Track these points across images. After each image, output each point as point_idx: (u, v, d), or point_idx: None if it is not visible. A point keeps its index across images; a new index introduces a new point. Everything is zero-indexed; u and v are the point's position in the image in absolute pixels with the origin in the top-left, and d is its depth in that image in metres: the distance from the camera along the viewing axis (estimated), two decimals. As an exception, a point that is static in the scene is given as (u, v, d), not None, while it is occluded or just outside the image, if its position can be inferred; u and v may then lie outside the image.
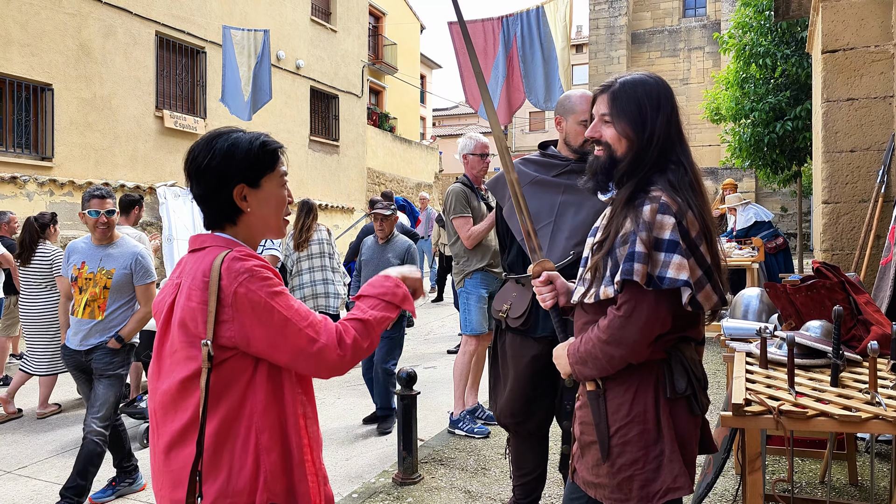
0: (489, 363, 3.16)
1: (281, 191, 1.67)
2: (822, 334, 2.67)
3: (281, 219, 1.69)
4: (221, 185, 1.58)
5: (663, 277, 1.65)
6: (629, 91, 1.81)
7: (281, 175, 1.67)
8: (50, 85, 10.54)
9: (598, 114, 1.87)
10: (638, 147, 1.78)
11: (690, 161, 1.81)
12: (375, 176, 20.28)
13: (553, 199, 2.88)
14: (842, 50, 5.01)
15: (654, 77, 1.86)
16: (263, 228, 1.66)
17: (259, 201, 1.62)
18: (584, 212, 2.79)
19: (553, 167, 2.95)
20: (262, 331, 1.49)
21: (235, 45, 8.60)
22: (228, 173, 1.58)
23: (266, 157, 1.63)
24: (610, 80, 1.89)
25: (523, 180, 2.90)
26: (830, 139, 5.06)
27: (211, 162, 1.57)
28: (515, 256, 2.99)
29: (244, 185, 1.60)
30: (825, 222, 5.11)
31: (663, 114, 1.79)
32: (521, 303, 2.92)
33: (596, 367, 1.76)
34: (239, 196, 1.60)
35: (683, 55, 34.66)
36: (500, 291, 3.09)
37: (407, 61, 28.71)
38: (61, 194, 10.48)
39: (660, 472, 1.74)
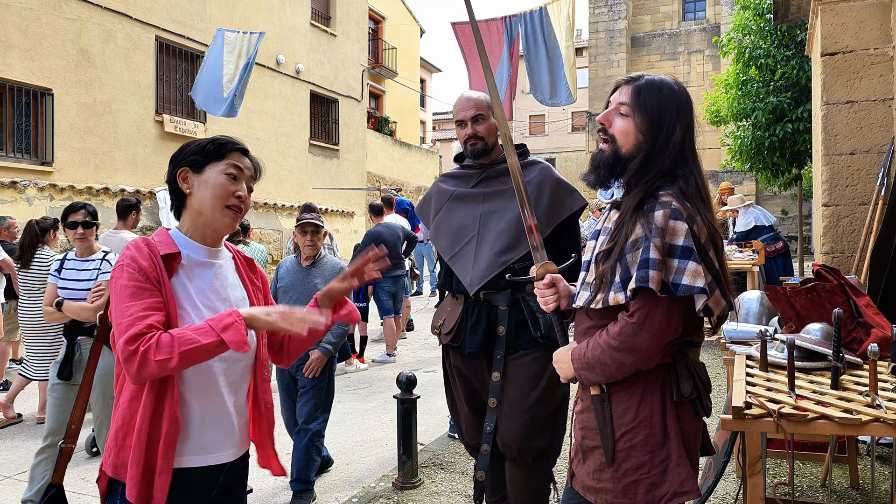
0: (444, 383, 3.00)
1: (223, 178, 1.75)
2: (822, 337, 2.67)
3: (218, 207, 1.74)
4: (172, 170, 1.77)
5: (678, 284, 1.64)
6: (654, 90, 1.78)
7: (227, 166, 1.76)
8: (50, 90, 10.55)
9: (615, 102, 1.82)
10: (648, 147, 1.76)
11: (701, 175, 1.79)
12: (375, 180, 20.28)
13: (475, 211, 2.77)
14: (841, 52, 5.02)
15: (679, 84, 1.82)
16: (201, 212, 1.75)
17: (199, 184, 1.75)
18: (506, 219, 2.69)
19: (470, 178, 2.84)
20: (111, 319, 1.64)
21: (226, 45, 8.65)
22: (178, 159, 1.78)
23: (215, 148, 1.77)
24: (637, 73, 1.85)
25: (444, 197, 2.86)
26: (830, 142, 5.06)
27: (173, 155, 1.80)
28: (446, 275, 2.84)
29: (187, 169, 1.76)
30: (825, 225, 5.11)
31: (682, 123, 1.76)
32: (452, 318, 2.77)
33: (604, 373, 1.74)
34: (181, 178, 1.76)
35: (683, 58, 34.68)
36: (441, 306, 2.94)
37: (407, 65, 28.73)
38: (61, 199, 10.47)
39: (666, 476, 1.73)
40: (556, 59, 7.32)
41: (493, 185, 2.76)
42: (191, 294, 1.71)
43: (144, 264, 1.63)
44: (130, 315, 1.56)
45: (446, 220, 2.81)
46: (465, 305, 2.72)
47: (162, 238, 1.73)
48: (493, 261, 2.64)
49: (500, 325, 2.66)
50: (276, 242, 15.03)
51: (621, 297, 1.70)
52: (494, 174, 2.76)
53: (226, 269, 1.81)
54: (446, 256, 2.77)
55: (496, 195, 2.73)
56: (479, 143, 2.73)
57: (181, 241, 1.75)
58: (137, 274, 1.61)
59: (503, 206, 2.70)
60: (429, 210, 2.93)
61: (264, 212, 14.65)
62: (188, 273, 1.72)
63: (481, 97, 2.75)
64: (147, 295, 1.60)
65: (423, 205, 3.00)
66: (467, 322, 2.70)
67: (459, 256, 2.73)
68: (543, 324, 2.64)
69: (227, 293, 1.78)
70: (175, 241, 1.74)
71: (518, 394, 2.63)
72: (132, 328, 1.54)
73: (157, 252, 1.67)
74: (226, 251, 1.86)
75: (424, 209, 2.98)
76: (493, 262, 2.64)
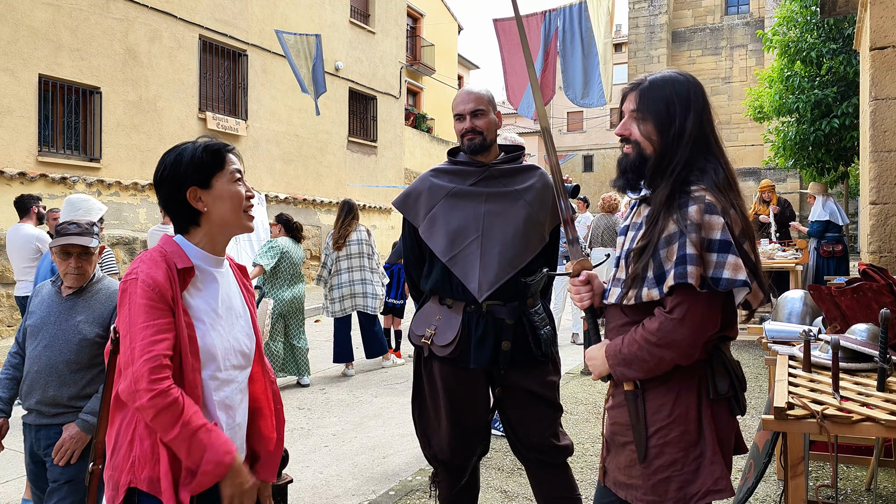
0: (413, 392, 2.80)
1: (233, 187, 1.76)
2: (868, 338, 2.61)
3: (240, 214, 1.78)
4: (175, 192, 1.72)
5: (719, 279, 1.63)
6: (658, 88, 1.80)
7: (231, 172, 1.77)
8: (98, 88, 10.85)
9: (627, 111, 1.86)
10: (664, 144, 1.77)
11: (725, 160, 1.79)
12: (412, 176, 20.37)
13: (477, 211, 2.59)
14: (891, 47, 4.88)
15: (684, 74, 1.84)
16: (225, 224, 1.77)
17: (214, 199, 1.74)
18: (513, 222, 2.57)
19: (469, 175, 2.66)
20: (120, 328, 1.61)
21: (291, 48, 9.13)
22: (178, 179, 1.71)
23: (210, 159, 1.75)
24: (640, 77, 1.88)
25: (439, 194, 2.66)
26: (879, 138, 4.93)
27: (164, 174, 1.73)
28: (441, 277, 2.61)
29: (196, 188, 1.72)
30: (873, 223, 4.98)
31: (694, 111, 1.77)
32: (449, 328, 2.55)
33: (642, 369, 1.74)
34: (193, 198, 1.72)
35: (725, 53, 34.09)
36: (420, 312, 2.70)
37: (444, 62, 28.77)
38: (108, 194, 10.77)
39: (699, 473, 1.72)
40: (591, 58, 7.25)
41: (496, 186, 2.63)
42: (204, 306, 1.71)
43: (161, 280, 1.61)
44: (144, 339, 1.55)
45: (443, 217, 2.62)
46: (466, 316, 2.56)
47: (174, 249, 1.71)
48: (503, 266, 2.52)
49: (505, 340, 2.54)
50: (315, 238, 15.21)
51: (655, 293, 1.70)
52: (497, 173, 2.64)
53: (227, 276, 1.83)
54: (444, 257, 2.57)
55: (500, 196, 2.61)
56: (476, 138, 2.61)
57: (192, 253, 1.74)
58: (152, 291, 1.59)
59: (507, 207, 2.59)
60: (417, 206, 2.70)
61: (303, 208, 14.84)
62: (199, 284, 1.72)
63: (482, 92, 2.66)
64: (159, 315, 1.58)
65: (409, 200, 2.73)
66: (472, 335, 2.54)
67: (460, 258, 2.56)
68: (544, 341, 2.61)
69: (231, 301, 1.80)
70: (187, 252, 1.73)
71: (531, 405, 2.61)
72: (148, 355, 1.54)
73: (173, 267, 1.66)
74: (225, 259, 1.87)
75: (410, 204, 2.72)
76: (503, 268, 2.52)
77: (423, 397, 2.75)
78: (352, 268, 7.01)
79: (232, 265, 1.90)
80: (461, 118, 2.63)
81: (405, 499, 3.74)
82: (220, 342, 1.71)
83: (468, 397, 2.63)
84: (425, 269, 2.72)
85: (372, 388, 6.59)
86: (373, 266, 7.12)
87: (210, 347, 1.68)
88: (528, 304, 2.62)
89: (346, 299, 7.02)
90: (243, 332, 1.81)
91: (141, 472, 1.60)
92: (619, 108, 1.91)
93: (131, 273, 1.64)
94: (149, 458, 1.60)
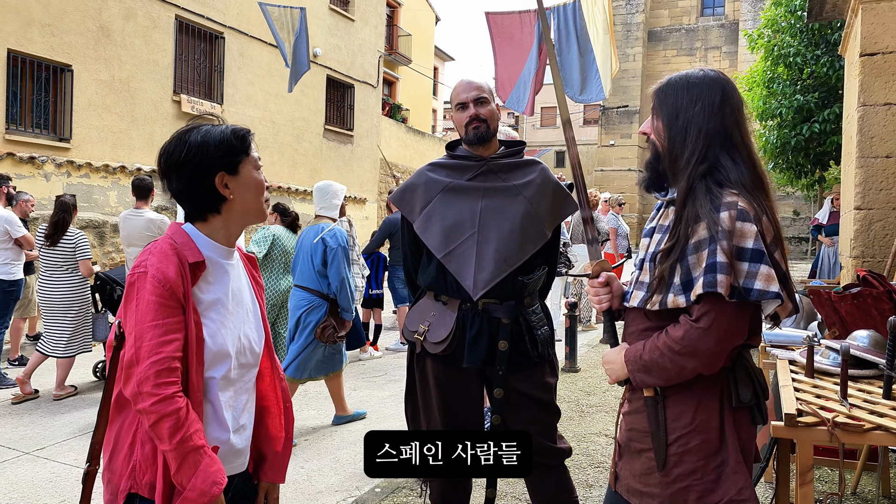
0: (406, 389, 2.76)
1: (258, 174, 1.69)
2: (870, 344, 2.61)
3: (261, 202, 1.71)
4: (201, 176, 1.60)
5: (750, 289, 1.58)
6: (672, 84, 1.78)
7: (255, 159, 1.69)
8: (70, 66, 10.51)
9: (651, 109, 1.84)
10: (671, 137, 1.74)
11: (753, 158, 1.74)
12: (388, 167, 20.23)
13: (473, 207, 2.52)
14: (881, 53, 4.92)
15: (704, 70, 1.79)
16: (246, 213, 1.68)
17: (240, 187, 1.64)
18: (511, 218, 2.51)
19: (466, 169, 2.59)
20: (125, 327, 1.52)
21: (275, 21, 8.84)
22: (206, 163, 1.60)
23: (239, 143, 1.65)
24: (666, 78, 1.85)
25: (436, 189, 2.59)
26: (865, 144, 4.98)
27: (187, 155, 1.60)
28: (436, 274, 2.56)
29: (224, 173, 1.62)
30: (857, 228, 5.03)
31: (703, 103, 1.72)
32: (443, 325, 2.51)
33: (662, 376, 1.70)
34: (221, 184, 1.62)
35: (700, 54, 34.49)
36: (414, 308, 2.66)
37: (421, 53, 28.61)
38: (78, 176, 10.46)
39: (719, 483, 1.68)
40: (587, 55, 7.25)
41: (493, 181, 2.56)
42: (213, 300, 1.61)
43: (172, 276, 1.51)
44: (151, 339, 1.46)
45: (439, 213, 2.56)
46: (461, 313, 2.51)
47: (184, 241, 1.60)
48: (499, 264, 2.46)
49: (501, 340, 2.48)
50: (289, 226, 15.00)
51: (681, 300, 1.65)
52: (495, 168, 2.56)
53: (237, 268, 1.74)
54: (439, 253, 2.51)
55: (497, 191, 2.54)
56: (482, 126, 2.53)
57: (204, 244, 1.64)
58: (162, 288, 1.49)
59: (505, 203, 2.52)
60: (413, 200, 2.65)
61: (278, 195, 14.63)
62: (210, 278, 1.63)
63: (483, 81, 2.61)
64: (169, 313, 1.49)
65: (405, 195, 2.69)
66: (466, 334, 2.49)
67: (455, 255, 2.50)
68: (540, 342, 2.55)
69: (241, 295, 1.71)
70: (198, 244, 1.62)
71: (525, 408, 2.55)
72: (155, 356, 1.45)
73: (185, 261, 1.56)
74: (235, 250, 1.77)
75: (407, 199, 2.68)
76: (499, 266, 2.45)
77: (415, 394, 2.70)
78: (332, 258, 6.89)
79: (241, 256, 1.80)
80: (464, 107, 2.55)
81: (392, 496, 3.68)
82: (230, 340, 1.61)
83: (460, 396, 2.58)
84: (421, 266, 2.66)
85: (350, 381, 6.50)
86: (353, 257, 7.01)
87: (219, 346, 1.58)
88: (526, 304, 2.56)
89: (325, 290, 6.90)
90: (253, 327, 1.72)
91: (142, 477, 1.51)
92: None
93: (140, 266, 1.53)
94: (150, 463, 1.51)
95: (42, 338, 5.97)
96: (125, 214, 6.06)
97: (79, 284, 5.99)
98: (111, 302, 6.38)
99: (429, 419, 2.64)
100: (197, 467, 1.45)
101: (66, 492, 3.91)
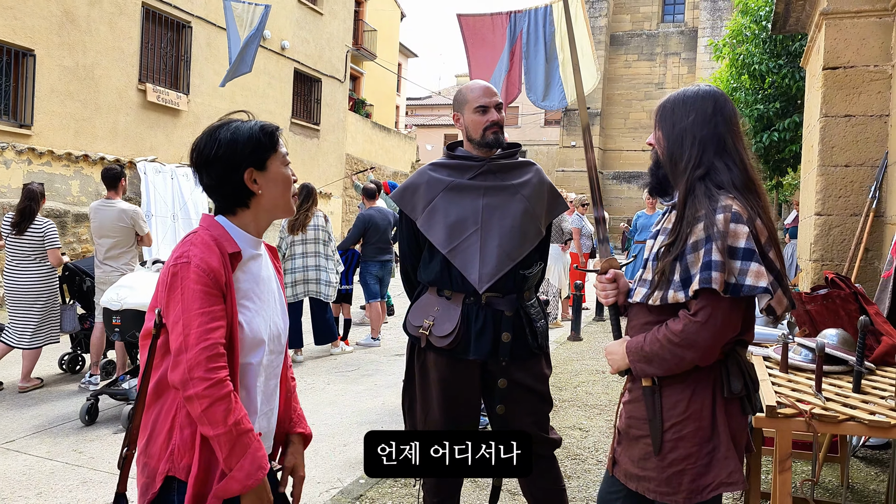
0: (404, 384, 2.82)
1: (285, 170, 1.75)
2: (839, 342, 2.79)
3: (289, 197, 1.76)
4: (231, 172, 1.66)
5: (742, 285, 1.72)
6: (671, 100, 1.95)
7: (283, 156, 1.75)
8: (32, 50, 10.26)
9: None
10: (669, 145, 1.90)
11: (745, 162, 1.89)
12: (354, 162, 20.18)
13: (475, 204, 2.62)
14: (842, 67, 5.17)
15: (699, 85, 1.97)
16: (274, 208, 1.74)
17: (268, 182, 1.70)
18: (511, 216, 2.60)
19: (467, 169, 2.67)
20: (167, 315, 1.57)
21: (236, 18, 8.57)
22: (235, 160, 1.66)
23: (267, 140, 1.70)
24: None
25: (437, 187, 2.67)
26: (826, 153, 5.22)
27: (217, 151, 1.66)
28: (440, 269, 2.62)
29: (253, 169, 1.68)
30: (817, 233, 5.28)
31: (698, 113, 1.88)
32: (448, 319, 2.58)
33: (661, 367, 1.83)
34: (249, 180, 1.67)
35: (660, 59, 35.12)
36: (417, 304, 2.72)
37: (386, 48, 28.55)
38: (39, 164, 10.22)
39: (710, 467, 1.82)
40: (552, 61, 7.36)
41: (493, 180, 2.66)
42: (248, 289, 1.68)
43: (215, 266, 1.57)
44: (199, 326, 1.51)
45: (442, 210, 2.64)
46: (465, 308, 2.59)
47: (220, 233, 1.65)
48: (502, 259, 2.56)
49: (504, 332, 2.58)
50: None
51: (681, 296, 1.78)
52: (496, 168, 2.66)
53: (264, 258, 1.81)
54: (444, 249, 2.60)
55: (498, 190, 2.64)
56: (500, 133, 2.63)
57: (237, 235, 1.69)
58: (207, 277, 1.54)
59: (505, 201, 2.63)
60: (415, 199, 2.73)
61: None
62: (244, 268, 1.69)
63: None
64: (214, 301, 1.55)
65: (407, 193, 2.76)
66: (472, 326, 2.58)
67: (460, 251, 2.59)
68: (539, 334, 2.67)
69: (270, 284, 1.78)
70: (233, 235, 1.68)
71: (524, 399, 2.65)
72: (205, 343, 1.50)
73: (225, 251, 1.61)
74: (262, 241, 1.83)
75: (408, 198, 2.75)
76: (502, 260, 2.56)
77: (414, 389, 2.76)
78: (307, 253, 6.92)
79: (267, 246, 1.87)
80: (486, 110, 2.62)
81: (376, 487, 3.75)
82: (263, 327, 1.68)
83: (463, 389, 2.65)
84: (423, 262, 2.74)
85: (323, 376, 6.53)
86: (328, 252, 7.04)
87: (255, 333, 1.65)
88: (525, 297, 2.67)
89: (298, 284, 6.93)
90: (279, 315, 1.79)
91: (180, 461, 1.56)
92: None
93: (182, 257, 1.57)
94: (188, 447, 1.56)
95: (6, 329, 5.86)
96: (96, 205, 5.97)
97: (47, 274, 5.89)
98: (80, 293, 6.29)
99: (427, 413, 2.70)
100: (246, 450, 1.51)
101: (41, 484, 3.88)
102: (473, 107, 2.63)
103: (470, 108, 2.64)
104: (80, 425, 4.90)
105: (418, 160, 27.69)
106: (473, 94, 2.65)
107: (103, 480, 3.93)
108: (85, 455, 4.34)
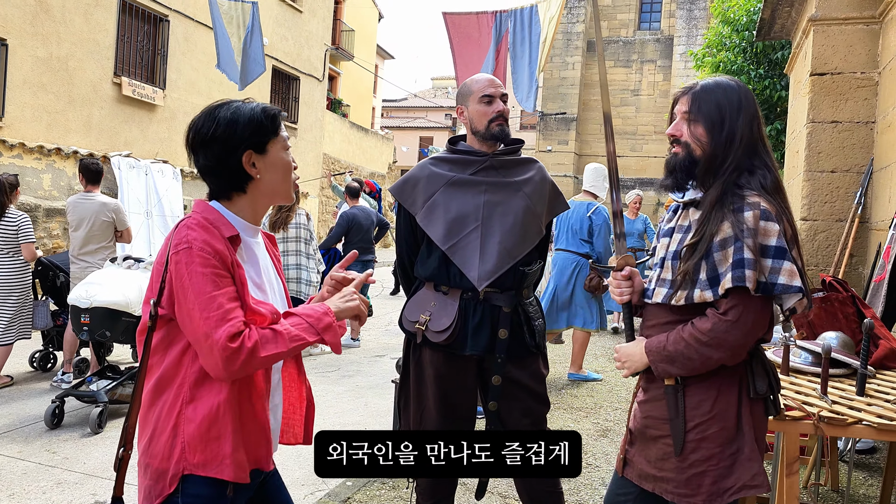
0: (400, 381, 2.78)
1: (286, 155, 1.67)
2: (839, 345, 2.77)
3: (289, 183, 1.69)
4: (229, 153, 1.58)
5: (775, 283, 1.68)
6: (710, 92, 1.86)
7: (284, 140, 1.67)
8: (4, 40, 9.97)
9: (679, 112, 1.90)
10: (714, 146, 1.82)
11: (773, 164, 1.85)
12: (331, 162, 20.02)
13: (476, 200, 2.56)
14: (829, 74, 5.22)
15: (735, 80, 1.90)
16: (272, 193, 1.66)
17: (267, 166, 1.62)
18: (513, 212, 2.57)
19: (469, 164, 2.62)
20: (179, 305, 1.49)
21: (223, 15, 8.39)
22: (234, 140, 1.58)
23: (268, 122, 1.63)
24: (692, 82, 1.94)
25: (438, 182, 2.61)
26: (813, 159, 5.26)
27: (216, 131, 1.58)
28: (438, 265, 2.58)
29: (252, 152, 1.60)
30: (802, 238, 5.31)
31: (745, 115, 1.82)
32: (445, 314, 2.54)
33: (686, 366, 1.78)
34: (248, 163, 1.60)
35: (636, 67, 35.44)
36: (414, 298, 2.68)
37: (363, 49, 28.41)
38: (10, 156, 9.93)
39: (733, 469, 1.77)
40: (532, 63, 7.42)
41: (495, 176, 2.61)
42: (251, 274, 1.61)
43: (219, 248, 1.49)
44: (219, 308, 1.43)
45: (443, 205, 2.59)
46: (463, 303, 2.55)
47: (216, 217, 1.57)
48: (502, 256, 2.52)
49: (501, 328, 2.53)
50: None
51: (709, 295, 1.73)
52: (498, 164, 2.61)
53: (262, 246, 1.74)
54: (443, 245, 2.55)
55: (499, 186, 2.59)
56: (505, 125, 2.58)
57: (234, 221, 1.62)
58: (213, 259, 1.47)
59: (507, 198, 2.58)
60: (415, 193, 2.67)
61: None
62: (243, 254, 1.62)
63: None
64: (227, 283, 1.47)
65: (407, 186, 2.69)
66: (469, 322, 2.53)
67: (460, 247, 2.55)
68: (537, 332, 2.62)
69: (269, 273, 1.71)
70: (229, 220, 1.60)
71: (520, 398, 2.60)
72: (228, 324, 1.42)
73: (224, 234, 1.54)
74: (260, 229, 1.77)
75: (408, 192, 2.68)
76: (502, 258, 2.51)
77: (407, 385, 2.71)
78: (287, 252, 6.80)
79: (262, 234, 1.78)
80: (491, 100, 2.57)
81: (364, 490, 3.66)
82: None
83: (459, 385, 2.61)
84: (421, 257, 2.67)
85: (304, 376, 6.41)
86: (309, 252, 6.93)
87: None
88: (524, 295, 2.62)
89: (278, 283, 6.80)
90: (281, 304, 1.71)
91: (193, 457, 1.48)
92: (670, 111, 1.94)
93: (182, 243, 1.48)
94: (203, 439, 1.48)
95: (-22, 325, 5.65)
96: (75, 199, 5.79)
97: (20, 269, 5.70)
98: (53, 289, 6.10)
99: (422, 411, 2.65)
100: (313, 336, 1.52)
101: (13, 485, 3.73)
102: (479, 97, 2.58)
103: (475, 98, 2.59)
104: (45, 428, 4.73)
105: (395, 161, 27.59)
106: (479, 84, 2.60)
107: (78, 482, 3.79)
108: (58, 455, 4.19)
